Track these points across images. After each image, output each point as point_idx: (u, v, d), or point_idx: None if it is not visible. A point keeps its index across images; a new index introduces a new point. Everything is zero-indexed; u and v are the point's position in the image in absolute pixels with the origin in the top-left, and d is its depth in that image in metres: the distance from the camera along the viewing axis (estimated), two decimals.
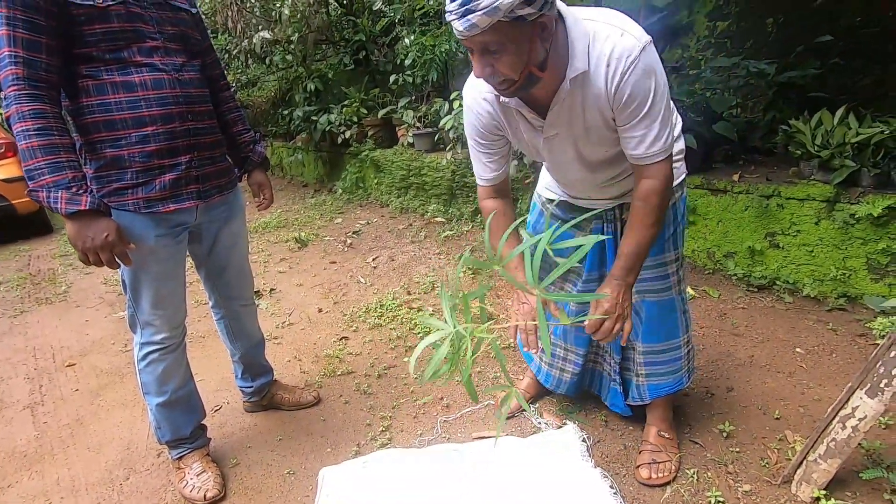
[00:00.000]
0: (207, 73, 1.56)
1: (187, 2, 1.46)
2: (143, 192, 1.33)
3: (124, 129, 1.28)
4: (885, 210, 2.08)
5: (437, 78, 4.46)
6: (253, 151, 1.71)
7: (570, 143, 1.19)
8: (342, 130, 4.95)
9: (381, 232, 4.11)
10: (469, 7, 0.89)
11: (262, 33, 4.61)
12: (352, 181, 5.23)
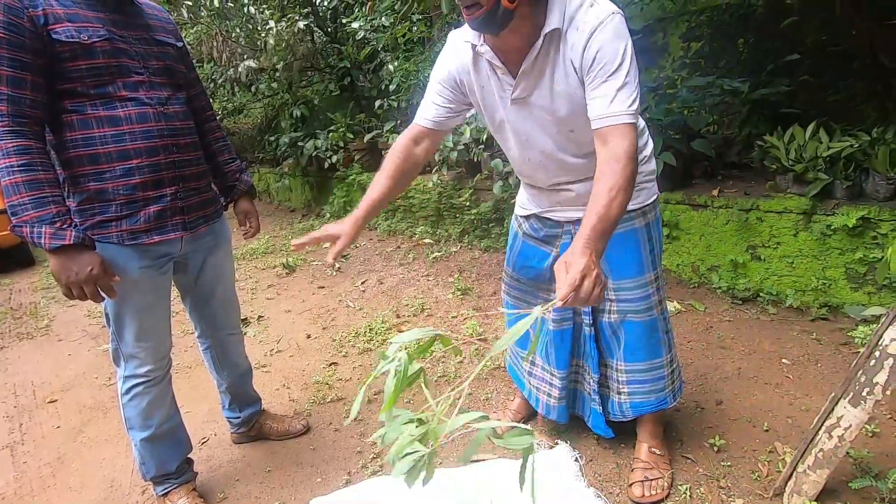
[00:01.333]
0: (193, 104, 1.58)
1: (172, 35, 1.48)
2: (127, 225, 1.33)
3: (108, 163, 1.29)
4: (860, 221, 2.14)
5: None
6: (239, 180, 1.71)
7: (536, 107, 1.19)
8: (329, 155, 4.99)
9: (370, 255, 4.11)
10: None
11: (247, 62, 4.67)
12: (339, 205, 5.25)
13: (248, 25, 4.93)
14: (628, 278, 1.39)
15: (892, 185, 2.10)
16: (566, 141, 1.24)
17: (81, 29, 1.22)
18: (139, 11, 1.40)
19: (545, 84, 1.15)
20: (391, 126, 4.60)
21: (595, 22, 1.05)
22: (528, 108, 1.21)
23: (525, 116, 1.22)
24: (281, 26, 4.28)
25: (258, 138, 7.53)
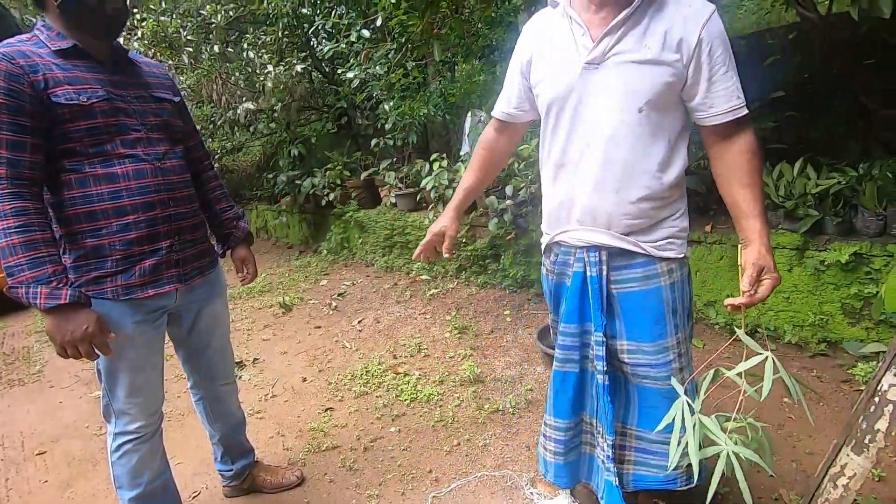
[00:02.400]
0: (191, 154, 1.61)
1: (170, 91, 1.52)
2: (122, 280, 1.33)
3: (105, 219, 1.30)
4: (852, 256, 2.15)
5: (416, 140, 4.62)
6: (236, 227, 1.73)
7: (612, 73, 1.11)
8: (326, 193, 5.04)
9: (367, 292, 4.10)
10: None
11: (246, 104, 4.78)
12: (337, 241, 5.27)
13: (248, 69, 5.06)
14: (647, 342, 1.25)
15: (881, 220, 2.12)
16: (630, 122, 1.12)
17: (81, 91, 1.25)
18: (137, 70, 1.44)
19: (631, 48, 1.08)
20: (387, 164, 4.67)
21: (705, 10, 1.06)
22: (601, 75, 1.11)
23: (594, 84, 1.13)
24: (279, 70, 4.39)
25: (257, 176, 7.62)
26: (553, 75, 1.18)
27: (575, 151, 1.20)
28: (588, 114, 1.15)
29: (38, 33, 1.28)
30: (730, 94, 1.08)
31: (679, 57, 1.06)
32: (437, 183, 3.83)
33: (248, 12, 4.88)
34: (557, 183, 1.28)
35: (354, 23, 3.42)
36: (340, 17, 3.61)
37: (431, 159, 4.00)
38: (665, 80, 1.07)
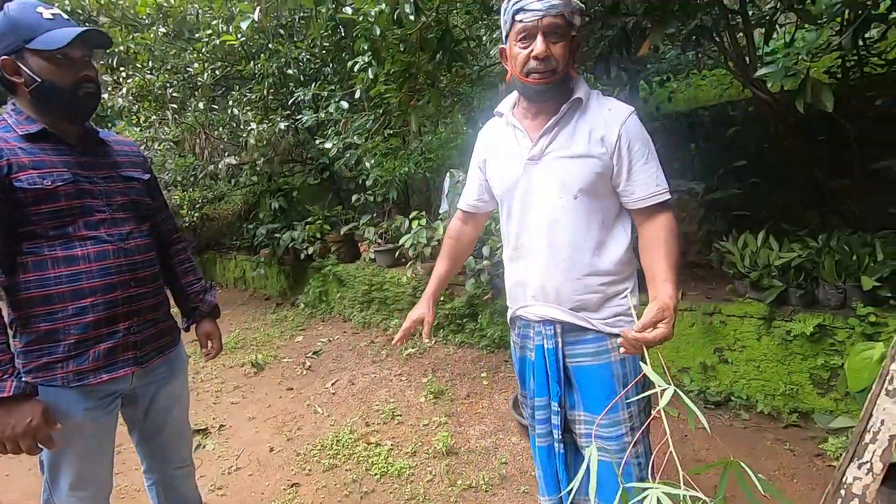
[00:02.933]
0: (159, 229, 1.60)
1: (140, 168, 1.52)
2: (73, 365, 1.28)
3: (61, 303, 1.27)
4: (816, 328, 2.20)
5: (397, 196, 4.68)
6: (203, 301, 1.70)
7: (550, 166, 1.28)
8: (305, 247, 5.03)
9: (343, 350, 4.02)
10: None
11: (228, 159, 4.82)
12: (315, 295, 5.21)
13: (232, 123, 5.14)
14: (599, 415, 1.30)
15: (841, 293, 2.19)
16: (568, 207, 1.27)
17: (45, 175, 1.25)
18: (107, 150, 1.44)
19: (563, 145, 1.26)
20: (368, 219, 4.71)
21: (624, 111, 1.25)
22: (541, 168, 1.29)
23: (536, 177, 1.30)
24: (262, 127, 4.47)
25: (237, 225, 7.59)
26: (503, 171, 1.37)
27: (525, 235, 1.35)
28: (533, 202, 1.32)
29: (7, 117, 1.29)
30: (649, 183, 1.24)
31: (604, 150, 1.23)
32: (416, 241, 3.86)
33: (234, 71, 5.01)
34: (513, 264, 1.43)
35: (334, 94, 3.53)
36: (321, 88, 3.73)
37: (411, 217, 4.05)
38: (595, 171, 1.24)
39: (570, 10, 1.19)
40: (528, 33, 1.19)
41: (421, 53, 2.41)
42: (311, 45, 4.56)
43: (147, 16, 4.96)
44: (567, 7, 1.18)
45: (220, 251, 7.69)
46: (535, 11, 1.16)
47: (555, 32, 1.18)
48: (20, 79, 1.24)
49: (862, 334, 2.11)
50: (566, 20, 1.19)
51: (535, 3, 1.16)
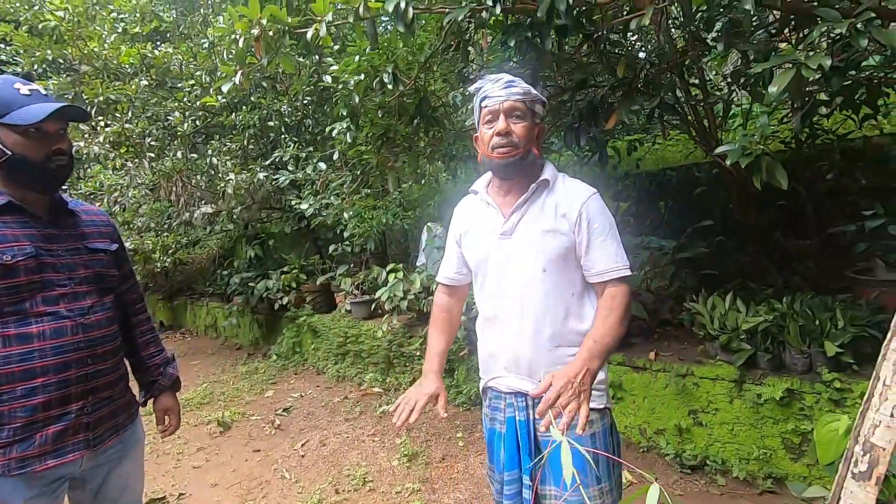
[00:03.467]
0: (123, 298, 1.56)
1: (108, 239, 1.49)
2: (17, 451, 1.20)
3: (10, 384, 1.20)
4: (785, 392, 2.23)
5: (374, 247, 4.69)
6: (163, 374, 1.63)
7: (521, 241, 1.34)
8: (280, 297, 4.94)
9: (315, 407, 3.89)
10: (515, 83, 1.30)
11: (204, 208, 4.78)
12: (288, 346, 5.08)
13: (211, 171, 5.14)
14: (568, 491, 1.31)
15: (806, 358, 2.24)
16: (539, 279, 1.33)
17: (5, 250, 1.21)
18: (75, 221, 1.42)
19: (532, 221, 1.34)
20: (345, 270, 4.69)
21: (586, 192, 1.33)
22: (512, 242, 1.36)
23: (508, 250, 1.36)
24: (241, 177, 4.48)
25: (212, 270, 7.44)
26: (478, 245, 1.44)
27: (499, 307, 1.40)
28: (506, 274, 1.38)
29: None
30: (608, 259, 1.31)
31: (568, 227, 1.32)
32: (392, 294, 3.84)
33: (215, 122, 5.05)
34: (485, 334, 1.47)
35: (312, 155, 3.59)
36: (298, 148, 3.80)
37: (388, 269, 4.04)
38: (561, 245, 1.32)
39: (531, 98, 1.31)
40: (493, 115, 1.31)
41: (399, 118, 2.48)
42: (293, 99, 4.66)
43: (130, 66, 5.01)
44: (528, 95, 1.30)
45: (192, 297, 7.50)
46: (498, 97, 1.29)
47: (515, 114, 1.30)
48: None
49: (829, 400, 2.14)
50: (527, 106, 1.31)
51: (497, 91, 1.30)
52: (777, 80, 1.40)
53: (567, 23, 1.83)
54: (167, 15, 5.54)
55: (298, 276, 4.99)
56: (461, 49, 2.20)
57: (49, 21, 4.70)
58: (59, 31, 4.83)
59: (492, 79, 1.33)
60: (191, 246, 7.69)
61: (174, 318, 7.81)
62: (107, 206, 5.81)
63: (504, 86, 1.29)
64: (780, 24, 1.90)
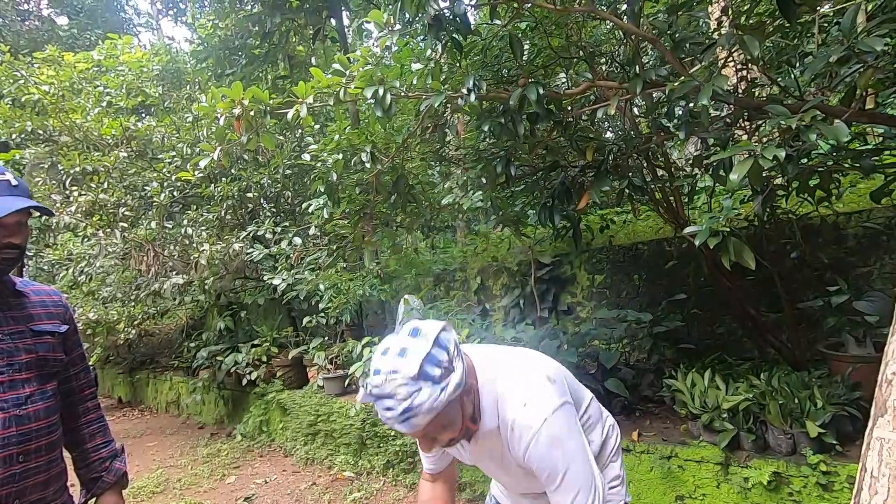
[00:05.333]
0: (69, 384, 1.44)
1: (58, 320, 1.40)
2: None
3: None
4: (773, 476, 2.15)
5: (350, 319, 4.58)
6: (108, 469, 1.48)
7: (492, 460, 1.26)
8: (249, 371, 4.72)
9: (280, 495, 3.58)
10: (411, 413, 0.98)
11: (174, 279, 4.66)
12: (254, 425, 4.78)
13: (185, 241, 5.06)
14: None
15: (790, 439, 2.19)
16: (523, 475, 1.24)
17: None
18: (21, 302, 1.34)
19: (496, 451, 1.22)
20: (318, 343, 4.53)
21: (528, 436, 1.08)
22: (485, 460, 1.29)
23: (483, 462, 1.31)
24: (216, 248, 4.42)
25: (179, 341, 7.13)
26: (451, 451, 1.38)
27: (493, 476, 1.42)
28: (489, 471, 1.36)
29: None
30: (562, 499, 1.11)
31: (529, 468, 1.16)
32: (367, 369, 3.69)
33: (193, 193, 5.06)
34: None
35: (287, 230, 3.60)
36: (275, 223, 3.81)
37: (363, 342, 3.92)
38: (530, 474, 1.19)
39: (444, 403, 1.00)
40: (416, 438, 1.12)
41: (376, 194, 2.52)
42: (273, 171, 4.73)
43: (111, 137, 5.07)
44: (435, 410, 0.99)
45: (155, 371, 7.12)
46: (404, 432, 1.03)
47: (432, 437, 1.09)
48: None
49: (817, 484, 2.07)
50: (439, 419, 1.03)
51: (399, 426, 1.00)
52: (737, 168, 1.48)
53: (538, 111, 1.92)
54: (153, 90, 5.70)
55: (270, 349, 4.80)
56: (438, 131, 2.29)
57: (32, 94, 4.78)
58: (42, 103, 4.91)
59: (382, 405, 1.00)
60: (158, 316, 7.41)
61: (133, 394, 7.36)
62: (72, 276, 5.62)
63: (400, 419, 0.98)
64: (734, 115, 2.05)
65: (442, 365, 1.01)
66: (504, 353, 1.29)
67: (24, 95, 4.80)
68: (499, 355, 1.26)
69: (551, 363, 1.30)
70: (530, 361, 1.24)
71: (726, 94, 1.57)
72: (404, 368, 0.99)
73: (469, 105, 2.19)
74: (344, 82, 2.07)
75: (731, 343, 3.44)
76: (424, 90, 2.06)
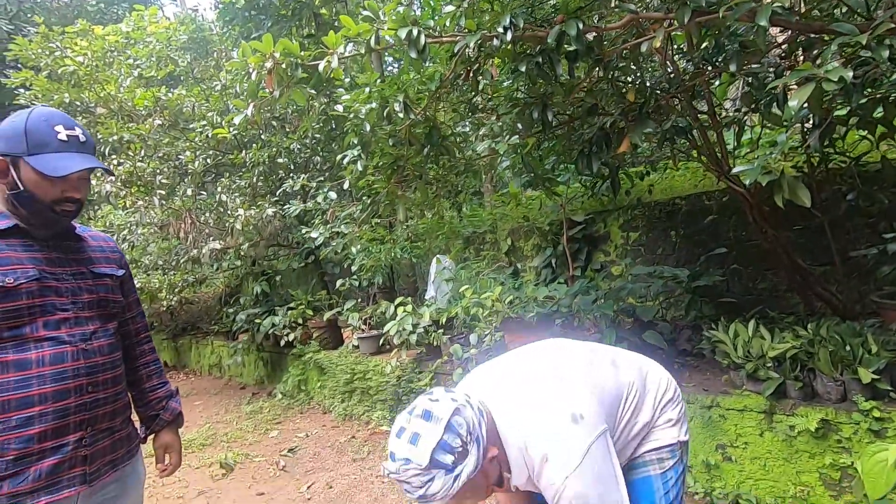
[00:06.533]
0: (126, 327, 1.51)
1: (115, 264, 1.45)
2: (9, 486, 1.12)
3: (5, 413, 1.14)
4: (821, 423, 2.10)
5: (382, 282, 4.64)
6: (165, 408, 1.55)
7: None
8: (286, 333, 4.86)
9: (321, 447, 3.73)
10: (427, 499, 1.00)
11: (212, 244, 4.78)
12: (294, 384, 4.95)
13: (220, 209, 5.18)
14: None
15: (840, 386, 2.12)
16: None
17: (7, 272, 1.17)
18: (81, 245, 1.38)
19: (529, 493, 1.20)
20: (352, 304, 4.62)
21: (551, 493, 1.07)
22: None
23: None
24: (250, 213, 4.50)
25: (217, 308, 7.39)
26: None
27: None
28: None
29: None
30: None
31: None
32: (401, 328, 3.76)
33: (225, 160, 5.13)
34: None
35: (322, 185, 3.62)
36: (310, 179, 3.83)
37: (396, 303, 3.97)
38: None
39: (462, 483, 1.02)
40: None
41: (409, 147, 2.49)
42: (302, 136, 4.74)
43: (144, 108, 5.15)
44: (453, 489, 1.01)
45: (197, 336, 7.42)
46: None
47: None
48: (4, 179, 1.20)
49: (868, 430, 2.01)
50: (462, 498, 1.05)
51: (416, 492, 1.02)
52: (796, 94, 1.38)
53: (578, 48, 1.84)
54: (182, 60, 5.74)
55: (305, 311, 4.92)
56: (471, 78, 2.22)
57: (68, 66, 4.87)
58: (78, 75, 5.01)
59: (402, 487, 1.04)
60: (197, 284, 7.67)
61: (178, 358, 7.71)
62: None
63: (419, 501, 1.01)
64: (789, 46, 1.91)
65: (455, 451, 1.01)
66: (528, 387, 1.20)
67: (60, 68, 4.90)
68: (521, 396, 1.18)
69: (580, 373, 1.22)
70: (555, 397, 1.15)
71: (786, 14, 1.45)
72: (416, 457, 1.00)
73: (504, 49, 2.12)
74: (375, 27, 2.02)
75: (774, 298, 3.33)
76: (458, 32, 2.00)
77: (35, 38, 5.22)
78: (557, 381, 1.20)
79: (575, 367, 1.26)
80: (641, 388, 1.32)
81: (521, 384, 1.21)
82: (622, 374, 1.30)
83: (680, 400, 1.38)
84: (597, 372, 1.26)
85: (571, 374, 1.22)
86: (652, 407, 1.31)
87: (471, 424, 1.05)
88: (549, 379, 1.21)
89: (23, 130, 1.18)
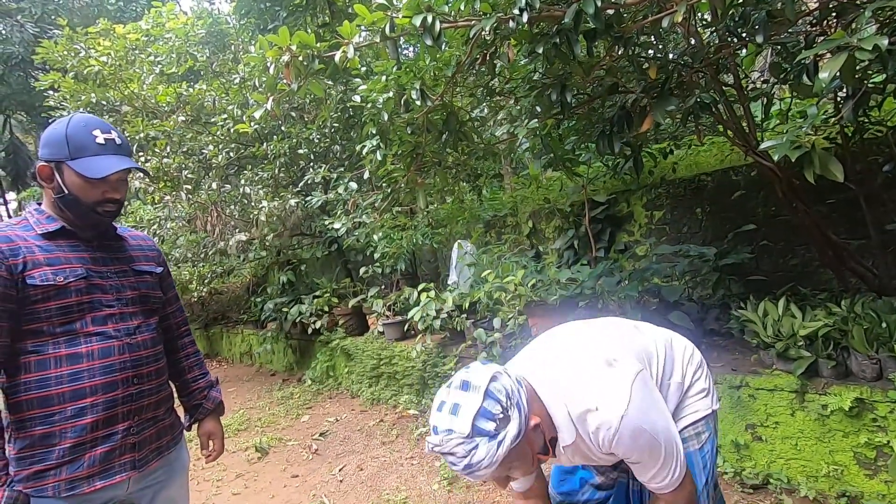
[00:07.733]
0: (167, 322, 1.57)
1: (154, 262, 1.52)
2: (67, 472, 1.20)
3: (60, 404, 1.21)
4: (855, 402, 2.07)
5: (405, 268, 4.68)
6: (207, 398, 1.63)
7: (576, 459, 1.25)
8: (313, 321, 4.97)
9: (351, 431, 3.84)
10: (473, 468, 1.02)
11: (238, 236, 4.90)
12: (322, 370, 5.08)
13: (244, 201, 5.28)
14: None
15: (875, 364, 2.08)
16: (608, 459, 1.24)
17: (58, 271, 1.24)
18: (123, 245, 1.45)
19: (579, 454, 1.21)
20: (376, 291, 4.68)
21: (610, 435, 1.09)
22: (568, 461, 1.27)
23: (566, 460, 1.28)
24: (273, 204, 4.58)
25: (245, 298, 7.59)
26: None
27: None
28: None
29: (29, 217, 1.31)
30: (650, 479, 1.17)
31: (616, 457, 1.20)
32: (425, 313, 3.80)
33: (247, 153, 5.21)
34: None
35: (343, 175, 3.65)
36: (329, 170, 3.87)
37: (419, 289, 4.01)
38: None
39: (501, 460, 1.03)
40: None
41: (427, 134, 2.49)
42: (321, 126, 4.77)
43: (167, 104, 5.26)
44: (493, 465, 1.02)
45: (227, 325, 7.64)
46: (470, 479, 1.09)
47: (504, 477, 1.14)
48: (50, 184, 1.27)
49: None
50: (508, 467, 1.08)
51: (465, 475, 1.06)
52: (827, 65, 1.33)
53: (596, 26, 1.80)
54: (200, 55, 5.81)
55: (330, 299, 5.02)
56: (488, 62, 2.20)
57: (93, 66, 4.99)
58: (102, 75, 5.13)
59: (447, 460, 1.06)
60: (225, 275, 7.87)
61: (210, 347, 7.96)
62: None
63: (465, 473, 1.03)
64: (820, 13, 1.83)
65: (496, 418, 1.02)
66: (558, 351, 1.27)
67: (85, 68, 5.02)
68: (554, 359, 1.24)
69: (606, 334, 1.29)
70: (585, 350, 1.23)
71: None
72: (458, 427, 1.02)
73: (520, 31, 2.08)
74: (390, 15, 2.01)
75: (806, 274, 3.24)
76: (473, 15, 1.97)
77: (60, 41, 5.36)
78: (586, 341, 1.28)
79: (602, 332, 1.33)
80: (669, 349, 1.36)
81: (553, 358, 1.26)
82: (647, 337, 1.36)
83: (707, 369, 1.41)
84: (622, 333, 1.33)
85: (599, 336, 1.29)
86: (682, 368, 1.35)
87: (510, 390, 1.07)
88: (577, 345, 1.28)
89: (64, 136, 1.24)
